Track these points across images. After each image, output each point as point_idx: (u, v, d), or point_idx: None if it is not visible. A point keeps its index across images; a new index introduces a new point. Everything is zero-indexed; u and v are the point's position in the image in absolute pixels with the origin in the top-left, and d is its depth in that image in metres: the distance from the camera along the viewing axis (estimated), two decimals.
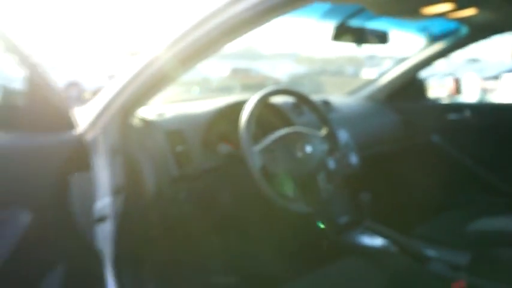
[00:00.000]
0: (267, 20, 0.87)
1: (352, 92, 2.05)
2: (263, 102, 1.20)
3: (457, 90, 1.94)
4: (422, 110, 1.96)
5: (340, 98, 1.92)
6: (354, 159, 1.25)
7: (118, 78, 1.04)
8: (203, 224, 1.30)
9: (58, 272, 0.91)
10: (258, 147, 1.12)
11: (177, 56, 0.95)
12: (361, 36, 1.19)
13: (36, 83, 0.87)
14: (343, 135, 1.29)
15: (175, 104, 1.40)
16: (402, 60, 1.88)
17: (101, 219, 1.11)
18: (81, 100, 1.29)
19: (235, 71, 18.34)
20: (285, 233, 1.40)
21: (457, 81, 1.94)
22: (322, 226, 1.34)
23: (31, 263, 0.87)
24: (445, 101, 2.25)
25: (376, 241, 1.30)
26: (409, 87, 1.91)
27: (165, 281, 1.32)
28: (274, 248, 1.42)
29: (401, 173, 1.89)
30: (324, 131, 1.29)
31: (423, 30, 1.59)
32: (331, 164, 1.22)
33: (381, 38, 1.25)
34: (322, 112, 1.33)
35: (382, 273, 1.16)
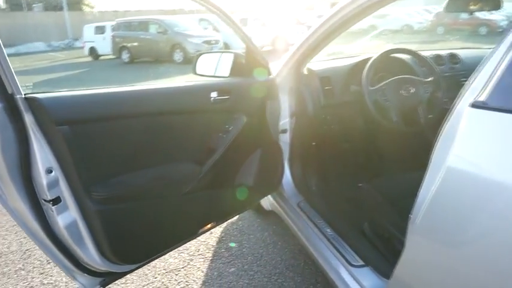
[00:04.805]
0: None
1: None
2: (382, 58, 1.69)
3: None
4: None
5: (470, 51, 2.13)
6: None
7: (294, 45, 1.71)
8: (340, 136, 1.91)
9: (257, 153, 1.69)
10: (372, 88, 1.64)
11: (334, 24, 1.44)
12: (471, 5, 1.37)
13: (250, 50, 1.60)
14: None
15: (328, 59, 1.99)
16: None
17: (283, 131, 1.85)
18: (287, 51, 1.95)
19: (439, 15, 16.50)
20: (387, 143, 1.94)
21: None
22: None
23: (245, 145, 1.63)
24: None
25: None
26: None
27: (321, 176, 2.00)
28: (378, 152, 2.05)
29: None
30: (430, 78, 1.70)
31: None
32: (433, 100, 1.65)
33: (494, 3, 1.37)
34: (430, 64, 1.73)
35: None
